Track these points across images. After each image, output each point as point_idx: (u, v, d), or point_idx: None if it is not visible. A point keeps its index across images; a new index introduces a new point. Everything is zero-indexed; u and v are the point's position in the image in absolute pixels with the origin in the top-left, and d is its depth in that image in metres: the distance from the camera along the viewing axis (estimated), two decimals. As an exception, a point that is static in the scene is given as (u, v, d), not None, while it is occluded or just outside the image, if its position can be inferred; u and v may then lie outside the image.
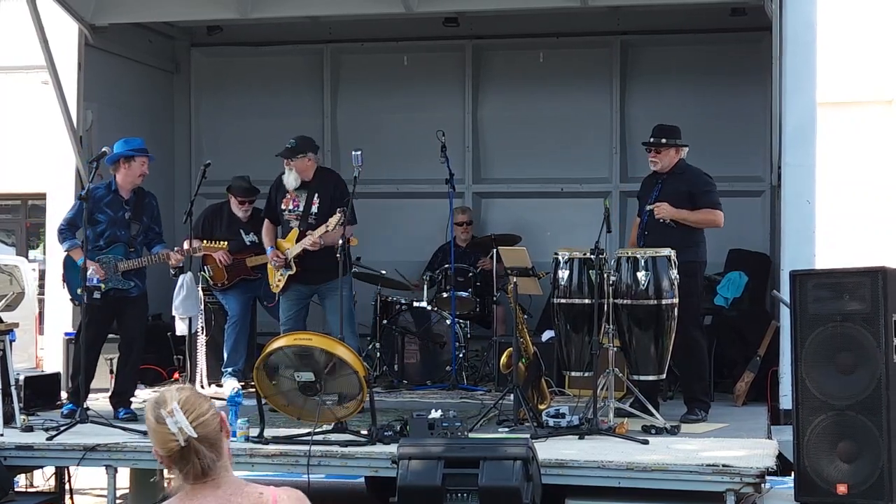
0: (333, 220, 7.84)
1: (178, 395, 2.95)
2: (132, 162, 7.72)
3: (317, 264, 8.06)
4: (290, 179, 8.18)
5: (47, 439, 6.74)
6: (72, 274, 7.76)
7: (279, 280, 8.20)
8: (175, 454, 2.93)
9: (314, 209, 8.14)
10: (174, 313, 8.76)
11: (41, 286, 13.41)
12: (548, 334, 8.81)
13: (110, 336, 8.06)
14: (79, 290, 7.54)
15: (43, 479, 7.88)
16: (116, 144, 7.79)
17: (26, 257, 16.33)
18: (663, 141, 7.55)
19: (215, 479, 2.96)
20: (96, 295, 7.44)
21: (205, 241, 8.48)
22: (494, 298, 9.52)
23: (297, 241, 8.13)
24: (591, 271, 6.98)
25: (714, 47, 10.40)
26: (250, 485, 3.02)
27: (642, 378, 7.08)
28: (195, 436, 2.91)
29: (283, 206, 8.26)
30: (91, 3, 9.34)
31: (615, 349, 6.92)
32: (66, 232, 7.76)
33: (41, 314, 12.69)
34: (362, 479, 7.55)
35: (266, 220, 8.43)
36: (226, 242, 8.45)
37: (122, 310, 7.77)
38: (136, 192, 7.84)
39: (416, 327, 9.37)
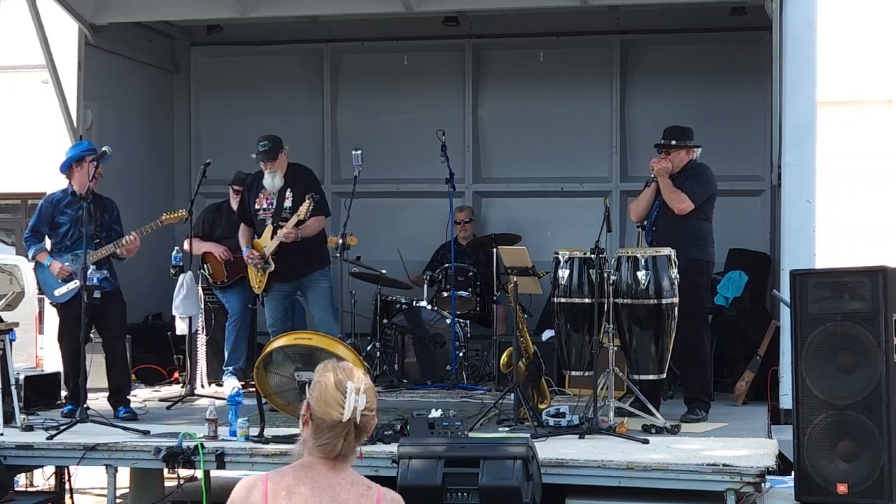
0: (304, 208, 7.77)
1: (364, 379, 2.96)
2: (83, 163, 7.74)
3: (295, 259, 7.96)
4: (277, 180, 7.99)
5: (47, 439, 6.73)
6: (45, 278, 7.77)
7: (260, 280, 8.13)
8: (327, 423, 2.90)
9: (287, 203, 7.99)
10: (174, 313, 8.75)
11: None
12: (548, 334, 8.81)
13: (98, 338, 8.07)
14: (56, 292, 7.64)
15: (43, 479, 7.88)
16: (67, 151, 7.88)
17: (26, 257, 16.29)
18: (673, 143, 7.55)
19: (339, 462, 2.97)
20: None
21: (165, 214, 8.18)
22: (494, 298, 9.52)
23: (273, 237, 7.99)
24: (591, 270, 6.97)
25: (714, 47, 10.40)
26: (362, 477, 3.05)
27: (642, 377, 7.07)
28: (358, 422, 2.92)
29: (256, 206, 8.14)
30: (91, 2, 9.34)
31: (615, 348, 6.92)
32: (31, 239, 7.81)
33: (41, 313, 12.64)
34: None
35: (241, 223, 8.30)
36: (183, 210, 8.37)
37: (98, 308, 7.71)
38: (94, 196, 7.69)
39: (416, 327, 9.36)
